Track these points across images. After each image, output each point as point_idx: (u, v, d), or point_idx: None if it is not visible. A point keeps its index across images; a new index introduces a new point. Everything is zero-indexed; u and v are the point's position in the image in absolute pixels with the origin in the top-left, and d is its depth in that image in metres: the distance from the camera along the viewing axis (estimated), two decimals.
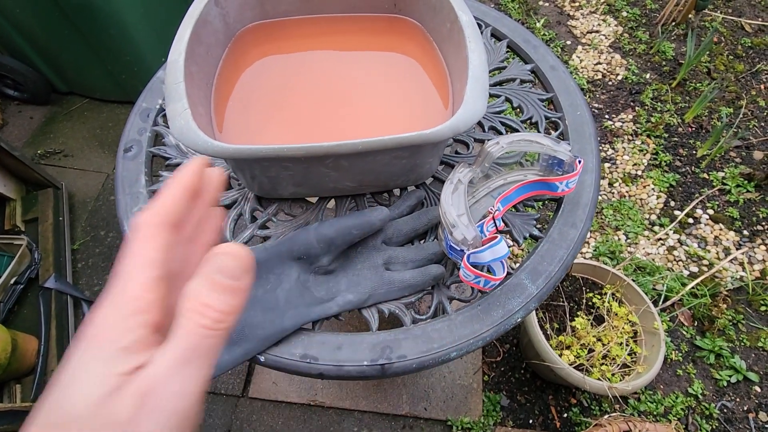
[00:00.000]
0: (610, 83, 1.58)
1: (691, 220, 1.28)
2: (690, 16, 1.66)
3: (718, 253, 1.22)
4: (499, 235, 0.39)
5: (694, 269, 1.20)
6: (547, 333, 0.93)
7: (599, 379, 0.85)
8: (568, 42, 1.70)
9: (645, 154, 1.40)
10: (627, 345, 0.89)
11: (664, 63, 1.60)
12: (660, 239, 1.25)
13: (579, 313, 0.95)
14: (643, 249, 1.23)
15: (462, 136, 0.54)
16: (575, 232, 0.47)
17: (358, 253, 0.45)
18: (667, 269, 1.19)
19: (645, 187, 1.34)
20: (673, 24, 1.69)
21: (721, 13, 1.72)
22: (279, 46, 0.52)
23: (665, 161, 1.38)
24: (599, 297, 0.96)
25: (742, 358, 1.08)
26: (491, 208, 0.45)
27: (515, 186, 0.47)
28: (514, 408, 1.04)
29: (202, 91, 0.44)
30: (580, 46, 1.68)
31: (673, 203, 1.31)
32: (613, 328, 0.91)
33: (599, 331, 0.90)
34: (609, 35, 1.70)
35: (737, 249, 1.22)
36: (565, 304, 0.97)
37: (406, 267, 0.45)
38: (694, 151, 1.39)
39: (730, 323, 1.12)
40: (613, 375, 0.87)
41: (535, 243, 0.48)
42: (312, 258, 0.43)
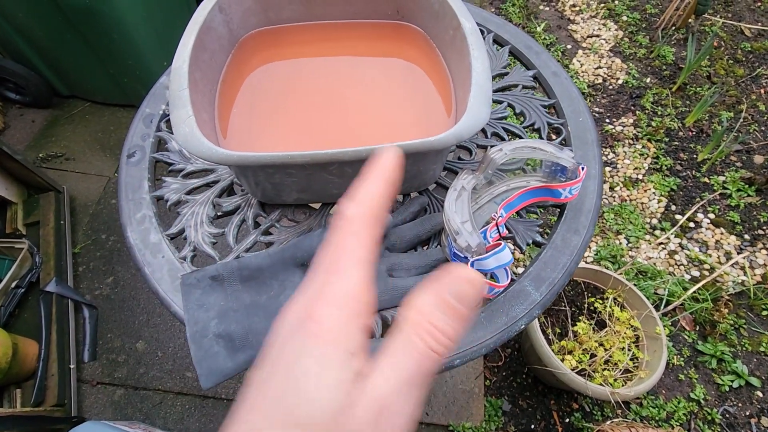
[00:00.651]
0: (611, 87, 1.58)
1: (692, 224, 1.28)
2: (690, 20, 1.66)
3: (719, 257, 1.22)
4: (503, 242, 0.39)
5: (696, 273, 1.20)
6: (549, 338, 0.93)
7: (601, 384, 0.85)
8: (569, 46, 1.70)
9: (646, 158, 1.40)
10: (629, 350, 0.89)
11: (665, 67, 1.61)
12: (661, 243, 1.25)
13: (581, 317, 0.95)
14: (645, 253, 1.23)
15: (465, 142, 0.54)
16: (578, 239, 0.47)
17: None
18: (668, 273, 1.19)
19: (646, 191, 1.34)
20: (673, 28, 1.69)
21: (720, 17, 1.73)
22: (282, 52, 0.52)
23: (666, 165, 1.38)
24: (601, 302, 0.96)
25: (744, 363, 1.07)
26: (494, 215, 0.45)
27: (518, 192, 0.47)
28: (515, 413, 1.03)
29: (206, 97, 0.44)
30: (580, 51, 1.68)
31: (674, 207, 1.31)
32: (615, 332, 0.90)
33: (601, 336, 0.90)
34: (609, 39, 1.70)
35: (738, 253, 1.22)
36: (567, 308, 0.97)
37: (409, 273, 0.45)
38: (695, 155, 1.40)
39: (732, 328, 1.12)
40: (616, 380, 0.86)
41: (538, 249, 0.48)
42: None
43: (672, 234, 1.25)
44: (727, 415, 1.02)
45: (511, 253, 0.40)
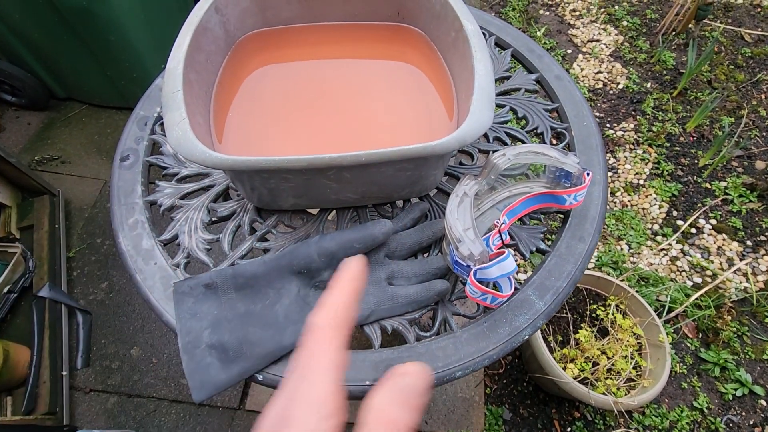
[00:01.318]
0: (611, 92, 1.57)
1: (693, 230, 1.27)
2: (690, 25, 1.66)
3: (721, 263, 1.21)
4: (507, 250, 0.38)
5: (698, 280, 1.19)
6: (551, 345, 0.91)
7: (604, 393, 0.84)
8: (569, 51, 1.70)
9: (647, 164, 1.39)
10: (632, 358, 0.88)
11: (665, 72, 1.60)
12: (663, 249, 1.24)
13: (583, 325, 0.93)
14: (646, 259, 1.22)
15: (467, 146, 0.53)
16: (583, 246, 0.46)
17: None
18: (670, 280, 1.18)
19: (647, 196, 1.33)
20: (673, 33, 1.69)
21: (721, 23, 1.73)
22: (280, 54, 0.51)
23: (667, 170, 1.37)
24: (603, 308, 0.94)
25: (748, 371, 1.06)
26: (497, 221, 0.43)
27: (522, 198, 0.46)
28: (516, 422, 1.02)
29: (201, 99, 0.42)
30: (580, 55, 1.68)
31: (675, 213, 1.30)
32: (617, 340, 0.89)
33: (603, 344, 0.89)
34: (610, 44, 1.70)
35: (741, 259, 1.21)
36: (569, 315, 0.95)
37: (409, 282, 0.43)
38: (696, 161, 1.39)
39: (735, 335, 1.10)
40: (619, 389, 0.85)
41: (542, 257, 0.47)
42: (313, 272, 0.42)
43: (674, 240, 1.24)
44: (730, 425, 1.01)
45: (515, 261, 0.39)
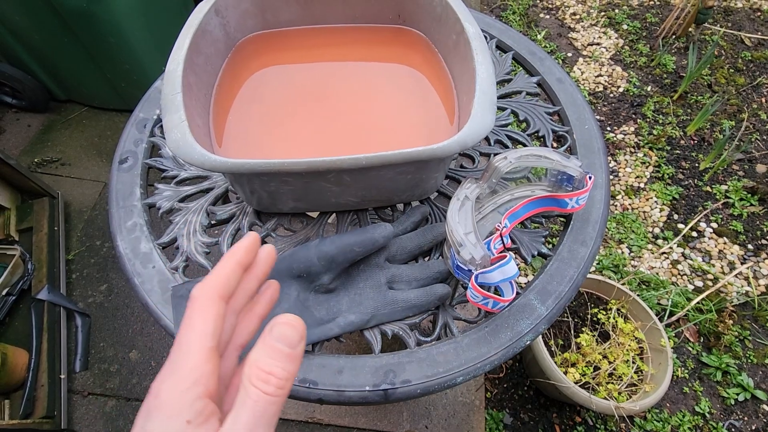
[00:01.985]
0: (612, 95, 1.57)
1: (694, 234, 1.26)
2: (690, 29, 1.66)
3: (722, 267, 1.21)
4: (509, 254, 0.38)
5: (699, 284, 1.18)
6: (552, 349, 0.91)
7: (605, 398, 0.83)
8: (569, 54, 1.70)
9: (647, 167, 1.39)
10: (633, 362, 0.87)
11: (665, 76, 1.60)
12: (664, 253, 1.23)
13: (584, 329, 0.93)
14: (647, 263, 1.22)
15: (468, 149, 0.53)
16: (585, 250, 0.46)
17: (360, 272, 0.43)
18: (671, 283, 1.18)
19: (648, 199, 1.33)
20: (673, 37, 1.69)
21: (721, 27, 1.73)
22: (280, 56, 0.50)
23: (668, 174, 1.37)
24: (604, 312, 0.94)
25: (750, 375, 1.05)
26: (498, 225, 0.43)
27: (523, 202, 0.46)
28: (517, 426, 1.01)
29: (200, 102, 0.42)
30: (581, 58, 1.68)
31: (676, 216, 1.30)
32: (619, 344, 0.88)
33: (605, 348, 0.88)
34: (610, 48, 1.70)
35: (742, 263, 1.20)
36: (570, 319, 0.95)
37: (410, 286, 0.43)
38: (697, 164, 1.39)
39: (737, 339, 1.10)
40: (620, 394, 0.84)
41: (544, 261, 0.46)
42: (312, 276, 0.41)
43: (675, 243, 1.24)
44: (732, 429, 1.00)
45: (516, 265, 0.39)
